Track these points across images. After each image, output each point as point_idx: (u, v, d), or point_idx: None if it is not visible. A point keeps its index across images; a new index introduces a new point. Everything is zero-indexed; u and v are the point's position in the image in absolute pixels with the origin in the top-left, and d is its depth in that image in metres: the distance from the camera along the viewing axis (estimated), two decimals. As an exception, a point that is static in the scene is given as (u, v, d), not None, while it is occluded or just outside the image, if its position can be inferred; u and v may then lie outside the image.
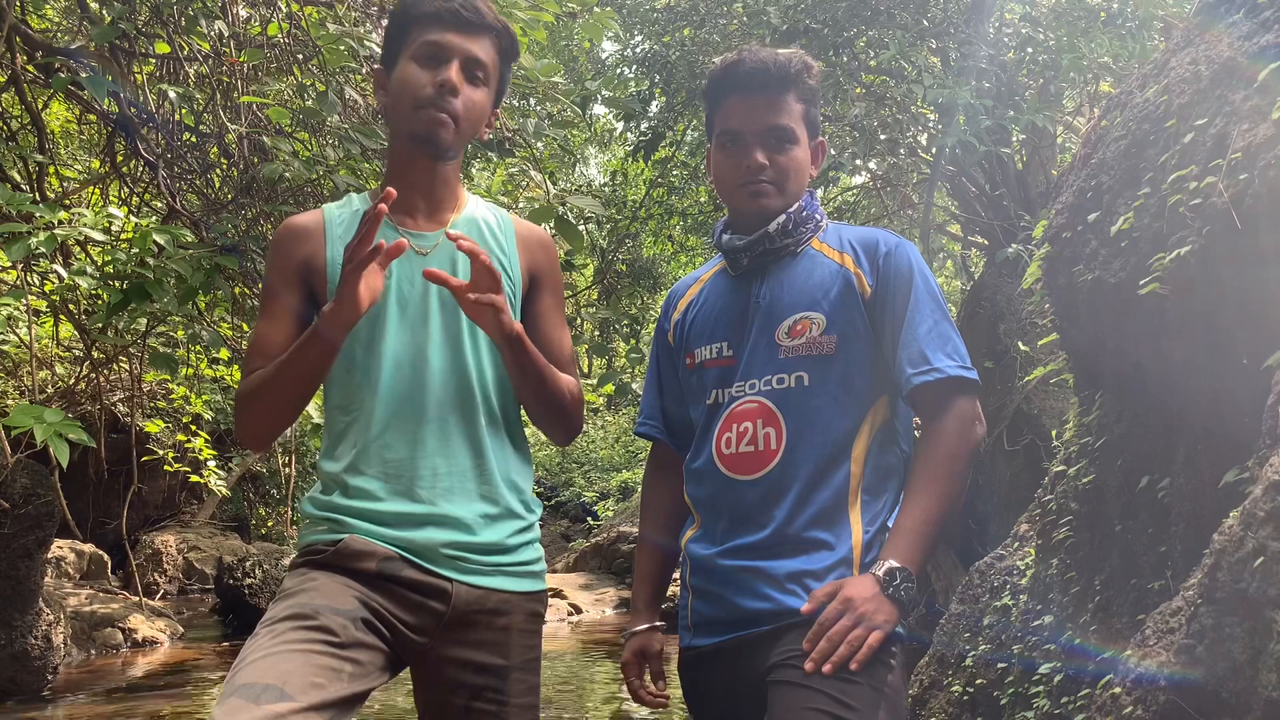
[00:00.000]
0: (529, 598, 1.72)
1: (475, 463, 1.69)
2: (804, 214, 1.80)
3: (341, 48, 3.66)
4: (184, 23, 4.16)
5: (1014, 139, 6.37)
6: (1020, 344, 5.50)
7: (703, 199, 9.58)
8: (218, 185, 4.82)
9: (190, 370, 7.51)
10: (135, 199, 5.00)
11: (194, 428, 8.00)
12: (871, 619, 1.55)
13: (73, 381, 7.50)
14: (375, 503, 1.64)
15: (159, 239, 3.49)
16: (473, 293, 1.55)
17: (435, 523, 1.64)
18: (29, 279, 4.73)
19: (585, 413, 1.91)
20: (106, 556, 8.96)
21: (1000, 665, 2.99)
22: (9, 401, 7.75)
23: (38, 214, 3.36)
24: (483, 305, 1.56)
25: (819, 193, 6.76)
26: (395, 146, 1.77)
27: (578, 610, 9.10)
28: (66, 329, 6.37)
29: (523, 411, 1.81)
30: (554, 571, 11.09)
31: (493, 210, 1.86)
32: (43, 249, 3.32)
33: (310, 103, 3.82)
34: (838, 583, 1.60)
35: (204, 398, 8.49)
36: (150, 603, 8.06)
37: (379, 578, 1.59)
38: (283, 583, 1.62)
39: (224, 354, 6.42)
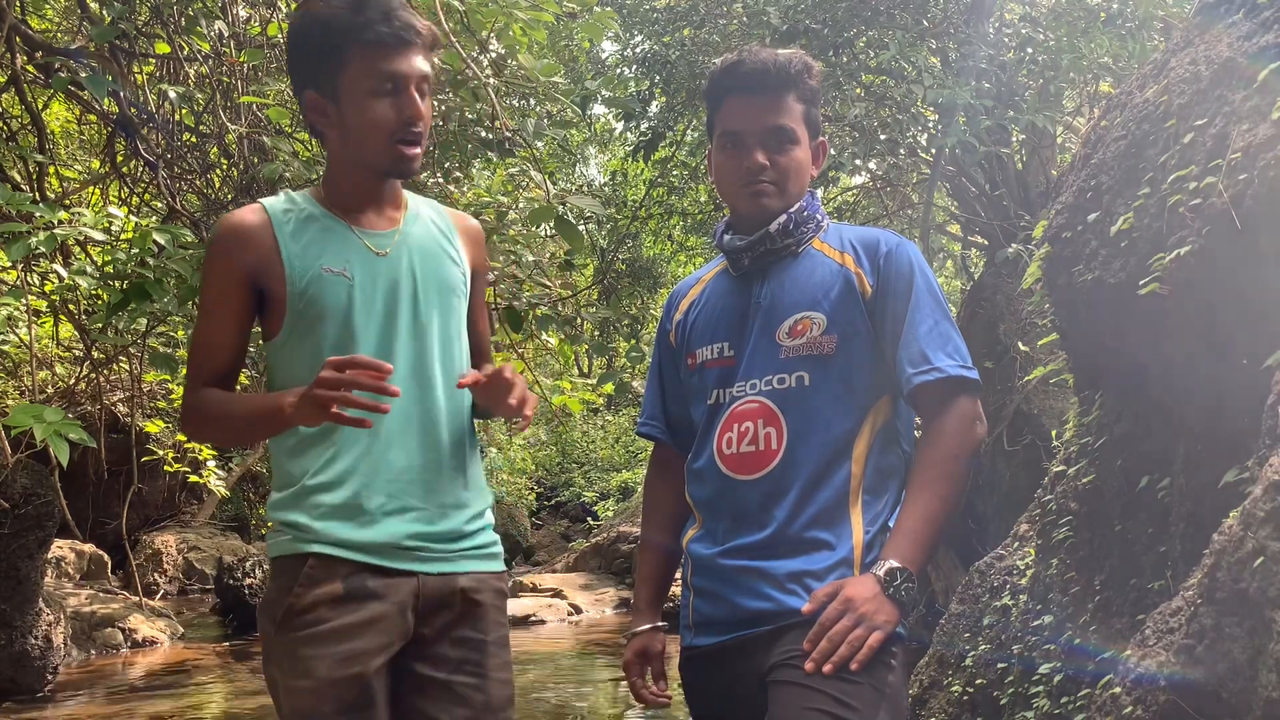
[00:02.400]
0: (493, 577, 1.79)
1: (432, 457, 1.73)
2: (805, 214, 1.80)
3: (341, 48, 3.65)
4: (184, 23, 4.16)
5: (1014, 139, 6.37)
6: (1020, 344, 5.50)
7: (703, 199, 9.57)
8: (218, 185, 4.83)
9: (190, 370, 7.49)
10: (135, 199, 5.00)
11: (194, 428, 7.97)
12: (872, 619, 1.55)
13: (73, 381, 7.50)
14: (337, 498, 1.67)
15: (159, 239, 3.49)
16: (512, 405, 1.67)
17: (396, 515, 1.68)
18: (29, 279, 4.73)
19: (585, 412, 1.97)
20: (106, 556, 8.96)
21: (1000, 665, 2.99)
22: (9, 401, 7.75)
23: (38, 214, 3.35)
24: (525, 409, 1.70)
25: (819, 193, 6.75)
26: (347, 168, 1.75)
27: (578, 610, 9.10)
28: (66, 329, 6.37)
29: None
30: (554, 571, 11.08)
31: (429, 205, 1.88)
32: (43, 249, 3.32)
33: (310, 103, 3.81)
34: (839, 583, 1.60)
35: (204, 398, 8.46)
36: (150, 603, 8.06)
37: (348, 599, 1.63)
38: (275, 655, 1.66)
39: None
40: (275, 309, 1.70)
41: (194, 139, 4.68)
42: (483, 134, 4.06)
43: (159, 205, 5.00)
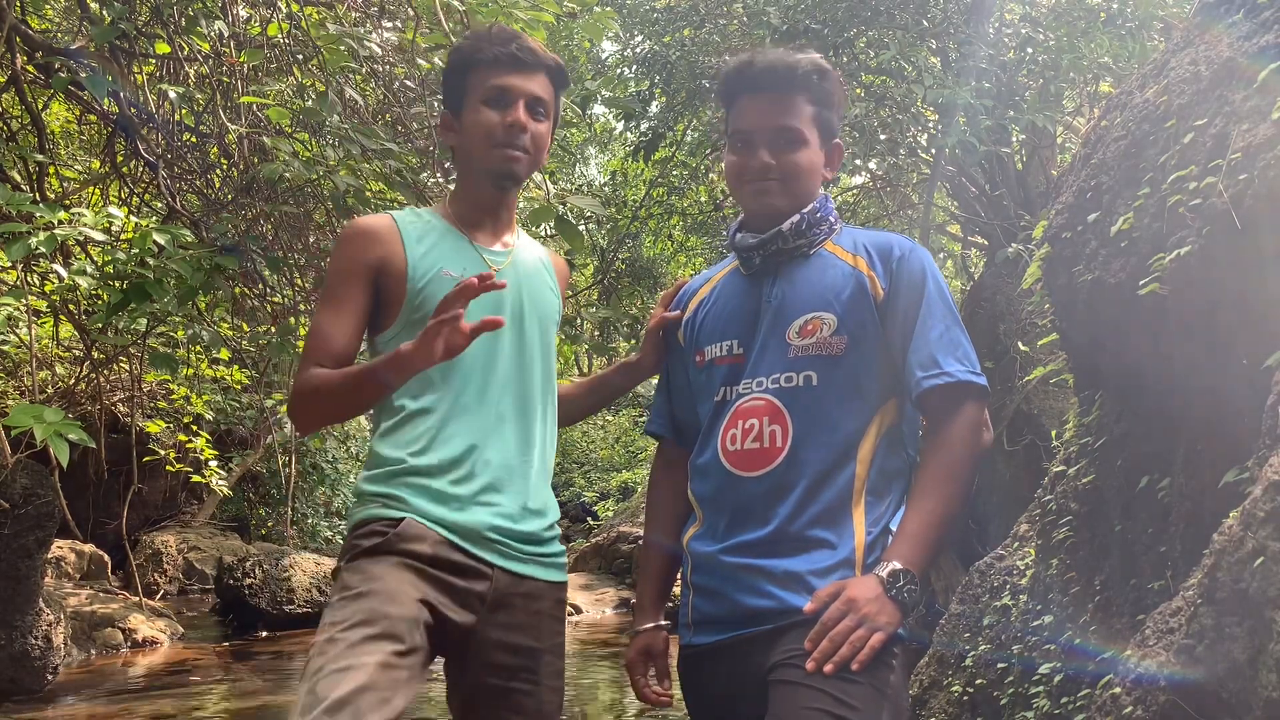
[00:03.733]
0: (555, 586, 1.88)
1: (523, 460, 1.84)
2: (818, 215, 1.81)
3: (341, 48, 3.66)
4: (184, 23, 4.16)
5: (1014, 139, 6.36)
6: (1020, 344, 5.50)
7: (703, 199, 9.57)
8: (218, 185, 4.82)
9: (190, 370, 7.51)
10: (135, 199, 5.00)
11: (195, 428, 7.99)
12: (874, 620, 1.55)
13: (73, 381, 7.50)
14: (432, 482, 1.76)
15: (159, 239, 3.49)
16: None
17: (484, 507, 1.77)
18: (29, 279, 4.73)
19: None
20: (106, 556, 8.95)
21: (1000, 665, 2.99)
22: (9, 401, 7.75)
23: (38, 214, 3.35)
24: None
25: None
26: (466, 177, 1.93)
27: (578, 610, 9.09)
28: (66, 329, 6.37)
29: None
30: (554, 571, 11.06)
31: (532, 240, 2.06)
32: (43, 249, 3.31)
33: (310, 103, 3.82)
34: (841, 583, 1.61)
35: (204, 398, 8.48)
36: (150, 603, 8.06)
37: (432, 563, 1.70)
38: (343, 575, 1.71)
39: (224, 354, 6.41)
40: (391, 304, 1.83)
41: (194, 139, 4.67)
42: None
43: (159, 205, 5.00)
